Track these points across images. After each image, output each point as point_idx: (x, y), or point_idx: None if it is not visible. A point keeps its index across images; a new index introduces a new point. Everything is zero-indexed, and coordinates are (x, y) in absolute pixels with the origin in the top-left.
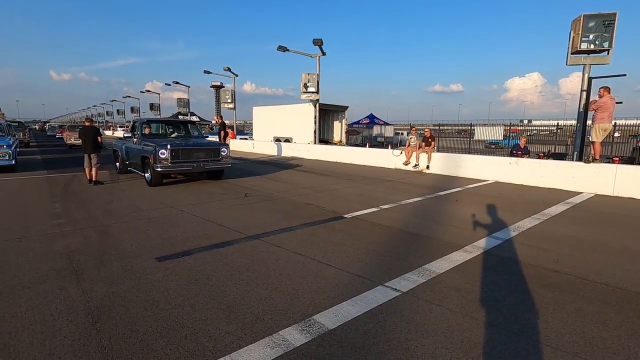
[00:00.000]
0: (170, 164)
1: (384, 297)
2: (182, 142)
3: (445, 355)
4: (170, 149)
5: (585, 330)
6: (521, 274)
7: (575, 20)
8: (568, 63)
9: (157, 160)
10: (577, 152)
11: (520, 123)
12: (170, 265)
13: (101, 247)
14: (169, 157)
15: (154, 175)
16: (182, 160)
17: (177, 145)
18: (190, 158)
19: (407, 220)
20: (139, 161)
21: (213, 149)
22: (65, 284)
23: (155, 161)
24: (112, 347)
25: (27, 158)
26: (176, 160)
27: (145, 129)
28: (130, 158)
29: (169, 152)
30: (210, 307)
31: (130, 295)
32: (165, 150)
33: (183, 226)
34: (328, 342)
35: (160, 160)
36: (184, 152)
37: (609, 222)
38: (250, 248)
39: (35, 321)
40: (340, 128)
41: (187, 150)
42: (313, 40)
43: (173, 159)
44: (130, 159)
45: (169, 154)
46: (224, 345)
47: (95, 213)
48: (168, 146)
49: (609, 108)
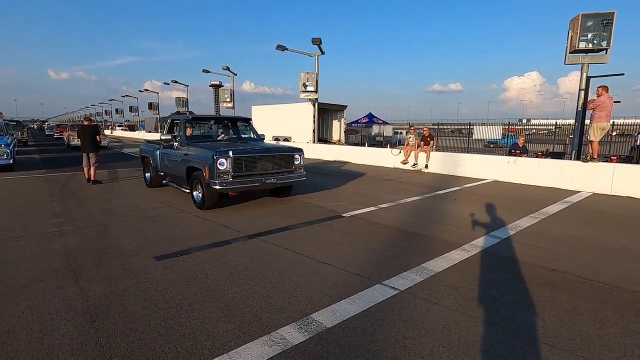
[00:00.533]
0: (232, 179)
1: (382, 295)
2: (246, 148)
3: (442, 353)
4: (233, 158)
5: (582, 328)
6: (519, 273)
7: (574, 20)
8: (566, 62)
9: (214, 174)
10: (575, 151)
11: (519, 122)
12: (168, 264)
13: (100, 246)
14: (230, 169)
15: (208, 194)
16: (247, 173)
17: (242, 152)
18: (257, 169)
19: (406, 219)
20: (182, 174)
21: (285, 156)
22: (63, 283)
23: (212, 175)
24: (111, 345)
25: (25, 157)
26: (240, 172)
27: (187, 129)
28: (167, 169)
29: (232, 161)
30: (208, 306)
31: (128, 294)
32: (226, 160)
33: (182, 225)
34: (326, 341)
35: (219, 173)
36: (250, 161)
37: (606, 221)
38: (249, 247)
39: (33, 320)
40: (339, 127)
41: (254, 158)
42: (312, 39)
43: (236, 172)
44: (168, 170)
45: (230, 165)
46: (222, 344)
47: (94, 212)
48: (230, 153)
49: (607, 107)
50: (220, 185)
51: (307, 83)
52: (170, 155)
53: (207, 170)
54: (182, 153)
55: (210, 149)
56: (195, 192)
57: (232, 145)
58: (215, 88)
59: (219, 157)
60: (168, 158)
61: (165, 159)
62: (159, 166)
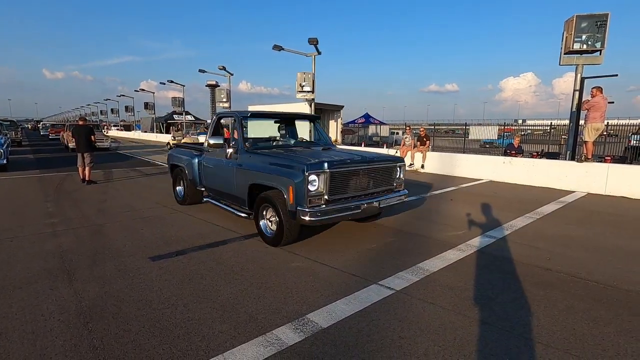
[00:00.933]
0: (325, 205)
1: (378, 295)
2: (342, 158)
3: (438, 353)
4: (329, 173)
5: (576, 327)
6: (514, 272)
7: (568, 21)
8: (561, 63)
9: (303, 197)
10: (570, 151)
11: (514, 123)
12: (164, 264)
13: (94, 246)
14: (324, 189)
15: (289, 226)
16: (344, 196)
17: (340, 165)
18: (354, 188)
19: (402, 219)
20: (240, 192)
21: (387, 169)
22: (57, 284)
23: (300, 199)
24: (104, 347)
25: (19, 157)
26: (335, 195)
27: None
28: (214, 183)
29: (327, 178)
30: (203, 307)
31: (123, 295)
32: (319, 177)
33: (177, 225)
34: (321, 341)
35: (311, 196)
36: (348, 177)
37: (600, 221)
38: (244, 247)
39: (26, 321)
40: (335, 127)
41: (355, 173)
42: (308, 39)
43: (332, 194)
44: (215, 185)
45: (325, 184)
46: (217, 345)
47: (89, 212)
48: (325, 166)
49: (601, 108)
50: (311, 215)
51: (303, 83)
52: (220, 165)
53: (290, 192)
54: (239, 163)
55: (293, 159)
56: (263, 222)
57: (315, 153)
58: (211, 88)
59: (312, 171)
60: (215, 169)
61: (210, 170)
62: (198, 178)
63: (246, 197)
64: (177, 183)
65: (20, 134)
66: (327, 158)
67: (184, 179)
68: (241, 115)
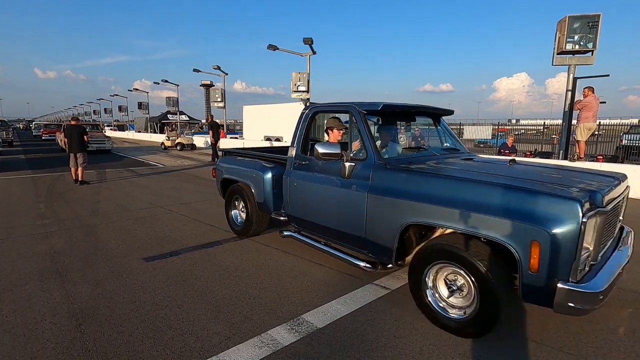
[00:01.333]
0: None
1: (373, 295)
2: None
3: (433, 351)
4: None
5: (569, 325)
6: None
7: (561, 21)
8: (554, 63)
9: (565, 263)
10: (562, 150)
11: (508, 122)
12: (157, 265)
13: (87, 247)
14: (591, 244)
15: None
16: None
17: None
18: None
19: None
20: (375, 235)
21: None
22: (49, 286)
23: (556, 265)
24: (97, 349)
25: (10, 157)
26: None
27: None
28: (310, 214)
29: (599, 221)
30: (198, 308)
31: (116, 297)
32: (593, 218)
33: (171, 226)
34: (317, 341)
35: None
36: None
37: None
38: (239, 247)
39: (17, 324)
40: None
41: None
42: (303, 39)
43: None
44: (311, 215)
45: (595, 231)
46: (212, 346)
47: (81, 213)
48: (598, 197)
49: (593, 108)
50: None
51: (298, 83)
52: (329, 187)
53: (535, 254)
54: (374, 186)
55: (524, 182)
56: (433, 295)
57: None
58: (206, 88)
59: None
60: (317, 191)
61: (306, 193)
62: (274, 202)
63: (394, 244)
64: (232, 206)
65: (12, 134)
66: (571, 182)
67: (247, 200)
68: (365, 108)
